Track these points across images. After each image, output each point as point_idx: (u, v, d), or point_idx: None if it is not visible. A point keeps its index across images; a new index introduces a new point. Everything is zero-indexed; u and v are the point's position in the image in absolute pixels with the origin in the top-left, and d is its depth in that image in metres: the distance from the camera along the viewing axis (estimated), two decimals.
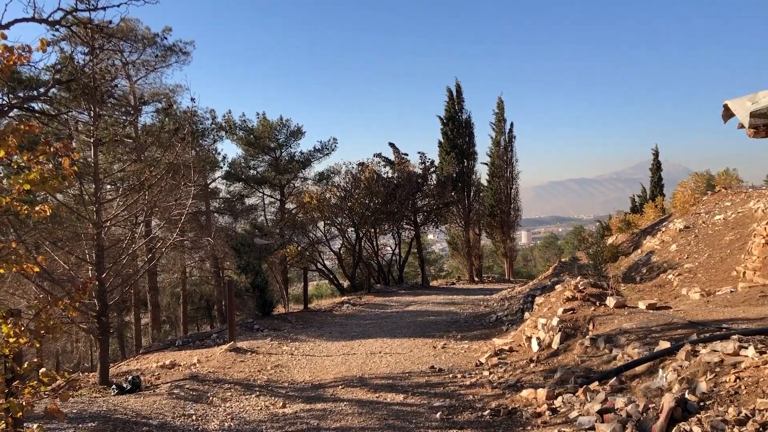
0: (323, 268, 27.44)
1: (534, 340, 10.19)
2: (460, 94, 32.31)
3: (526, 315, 12.90)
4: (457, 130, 31.97)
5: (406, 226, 29.49)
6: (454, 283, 30.59)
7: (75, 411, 7.23)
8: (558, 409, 6.55)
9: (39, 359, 18.43)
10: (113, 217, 10.32)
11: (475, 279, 32.22)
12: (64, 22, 7.94)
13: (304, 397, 8.61)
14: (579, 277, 14.35)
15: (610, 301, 10.33)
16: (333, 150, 32.71)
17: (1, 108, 10.42)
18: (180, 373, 10.11)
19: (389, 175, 28.07)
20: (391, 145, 29.57)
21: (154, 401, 8.13)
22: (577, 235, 45.97)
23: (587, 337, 8.78)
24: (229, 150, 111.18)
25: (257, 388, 9.22)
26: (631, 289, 15.51)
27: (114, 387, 8.90)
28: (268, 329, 14.56)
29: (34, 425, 5.24)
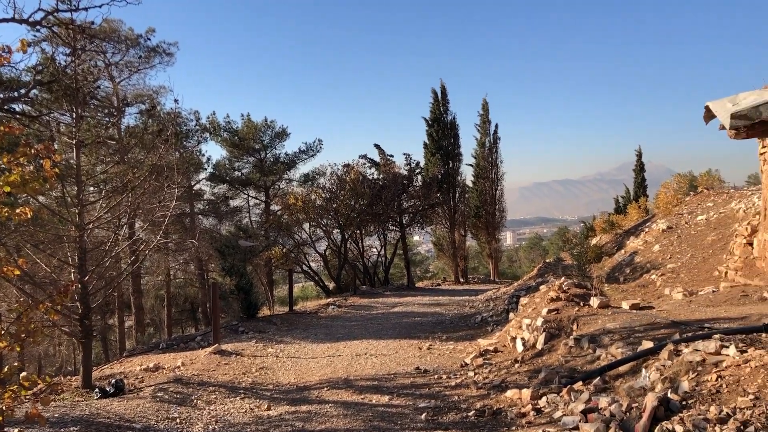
0: (309, 270, 27.37)
1: (519, 340, 10.23)
2: (445, 96, 32.35)
3: (511, 315, 12.94)
4: (442, 132, 32.00)
5: (391, 228, 29.48)
6: (439, 284, 30.63)
7: (57, 415, 7.16)
8: (542, 409, 6.58)
9: (20, 363, 18.25)
10: (96, 219, 10.24)
11: (461, 280, 32.26)
12: (45, 23, 7.87)
13: (289, 400, 8.59)
14: (563, 277, 14.41)
15: (594, 302, 10.40)
16: (318, 151, 32.68)
17: None
18: (164, 376, 10.05)
19: (375, 176, 28.06)
20: (377, 146, 29.56)
21: (138, 404, 8.07)
22: (561, 236, 46.27)
23: (571, 337, 8.83)
24: (214, 151, 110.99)
25: (242, 391, 9.19)
26: (614, 290, 15.61)
27: (97, 391, 8.83)
28: (253, 331, 14.50)
29: (15, 430, 5.19)
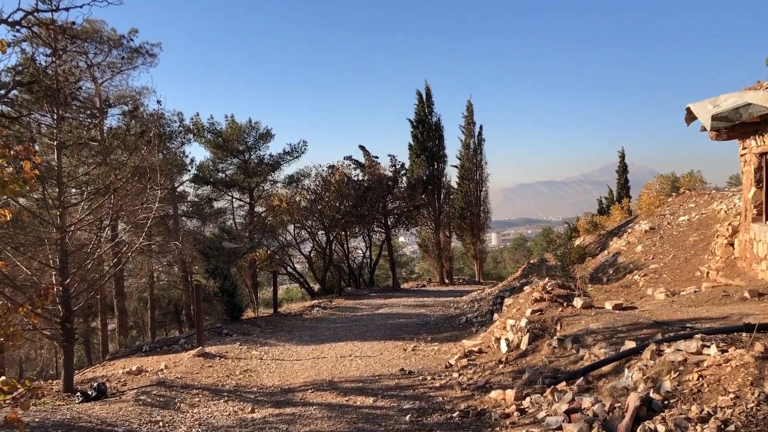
0: (293, 272, 27.30)
1: (503, 341, 10.26)
2: (430, 97, 32.43)
3: (496, 316, 12.99)
4: (427, 133, 32.08)
5: (376, 229, 29.48)
6: (424, 286, 30.67)
7: (37, 420, 7.08)
8: (526, 409, 6.60)
9: (0, 367, 18.03)
10: (78, 221, 10.15)
11: (446, 281, 32.33)
12: (24, 23, 7.79)
13: (273, 402, 8.55)
14: (547, 278, 14.49)
15: (578, 302, 10.47)
16: (303, 153, 32.61)
17: None
18: (147, 379, 9.98)
19: (360, 177, 28.05)
20: (362, 147, 29.56)
21: (120, 408, 8.00)
22: (545, 237, 46.48)
23: (555, 337, 8.87)
24: (197, 153, 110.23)
25: (225, 394, 9.14)
26: (598, 290, 15.72)
27: (79, 394, 8.74)
28: (237, 334, 14.44)
29: None
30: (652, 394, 5.42)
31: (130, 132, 21.51)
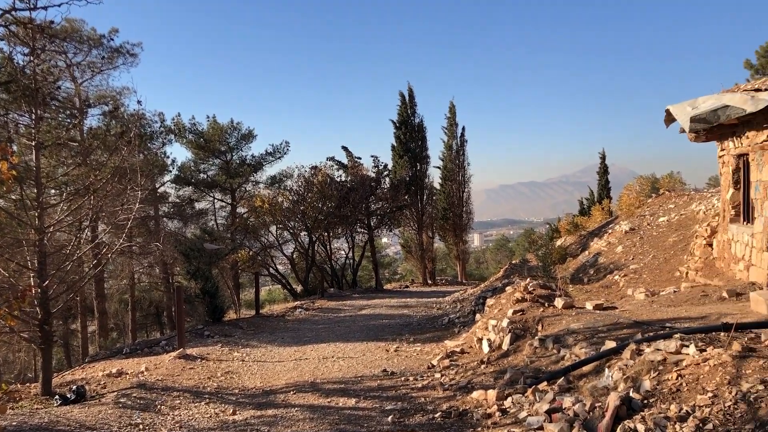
0: (276, 273, 27.20)
1: (485, 341, 10.29)
2: (413, 99, 32.48)
3: (478, 317, 13.03)
4: (409, 134, 32.12)
5: (359, 230, 29.46)
6: (407, 286, 30.69)
7: (15, 423, 6.99)
8: (508, 409, 6.63)
9: None
10: (57, 222, 10.03)
11: (429, 282, 32.38)
12: (2, 21, 7.69)
13: (254, 404, 8.51)
14: (528, 278, 14.57)
15: (559, 302, 10.53)
16: (285, 153, 32.51)
17: None
18: (127, 381, 9.88)
19: (342, 178, 28.03)
20: (344, 148, 29.55)
21: (99, 411, 7.92)
22: (527, 238, 46.73)
23: (536, 337, 8.92)
24: (179, 153, 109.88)
25: (207, 396, 9.08)
26: (578, 290, 15.83)
27: (57, 398, 8.63)
28: (218, 335, 14.35)
29: None
30: (632, 394, 5.46)
31: (110, 132, 21.30)
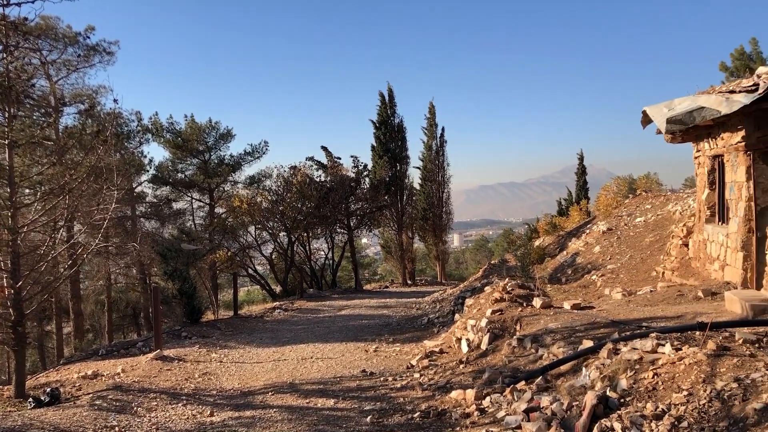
0: (254, 274, 27.08)
1: (464, 341, 10.32)
2: (393, 99, 32.46)
3: (457, 317, 13.06)
4: (389, 135, 32.10)
5: (339, 230, 29.43)
6: (387, 287, 30.70)
7: None
8: (486, 409, 6.65)
9: None
10: (31, 222, 9.87)
11: (408, 282, 32.40)
12: None
13: (232, 405, 8.45)
14: (507, 278, 14.63)
15: (537, 302, 10.59)
16: (264, 153, 32.33)
17: None
18: (103, 383, 9.76)
19: (322, 178, 27.97)
20: (324, 148, 29.47)
21: (74, 413, 7.80)
22: (506, 238, 46.93)
23: (515, 337, 8.96)
24: (156, 153, 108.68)
25: (184, 397, 8.99)
26: (557, 290, 15.94)
27: (31, 400, 8.50)
28: (196, 336, 14.24)
29: None
30: (608, 393, 5.51)
31: (86, 131, 20.97)
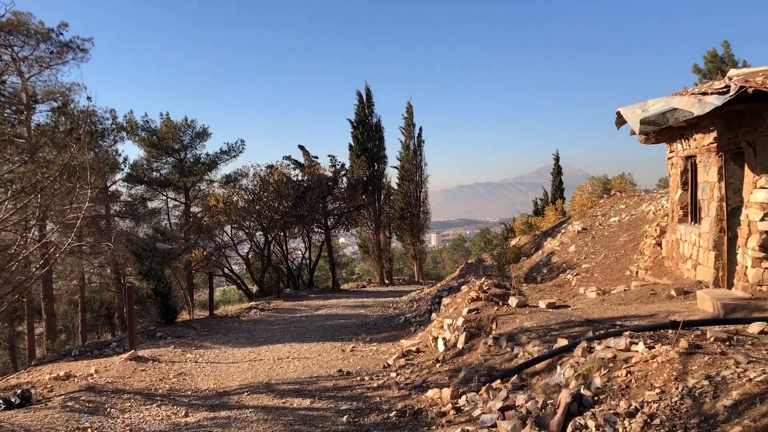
0: (230, 273, 26.89)
1: (440, 340, 10.35)
2: (370, 98, 32.42)
3: (434, 316, 13.09)
4: (367, 134, 32.05)
5: (316, 230, 29.33)
6: (364, 286, 30.67)
7: None
8: (462, 407, 6.66)
9: None
10: (1, 221, 9.69)
11: (386, 281, 32.40)
12: None
13: (207, 405, 8.38)
14: (484, 277, 14.69)
15: (513, 301, 10.65)
16: (240, 152, 32.15)
17: None
18: (75, 384, 9.61)
19: (299, 178, 27.84)
20: (301, 147, 29.35)
21: (46, 415, 7.68)
22: (483, 237, 47.13)
23: (491, 336, 9.00)
24: (131, 151, 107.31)
25: (159, 398, 8.89)
26: (532, 289, 16.05)
27: (1, 402, 8.34)
28: (171, 337, 14.10)
29: None
30: (582, 391, 5.55)
31: (58, 129, 20.73)
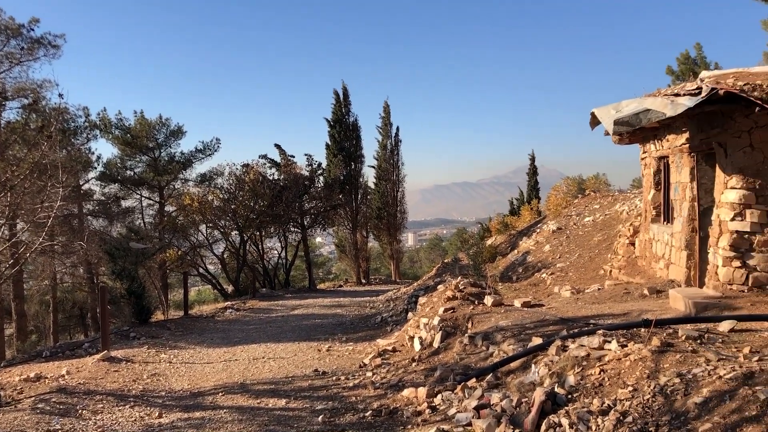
0: (205, 273, 26.67)
1: (416, 339, 10.36)
2: (347, 97, 32.36)
3: (410, 315, 13.11)
4: (344, 133, 31.99)
5: (293, 229, 29.20)
6: (341, 286, 30.62)
7: None
8: (438, 406, 6.67)
9: None
10: None
11: (363, 281, 32.39)
12: None
13: (181, 406, 8.29)
14: (460, 277, 14.75)
15: (488, 300, 10.69)
16: (216, 151, 31.97)
17: None
18: (46, 385, 9.45)
19: (275, 177, 27.70)
20: (277, 146, 29.20)
21: (15, 418, 7.54)
22: (459, 237, 47.38)
23: (466, 335, 9.03)
24: (105, 150, 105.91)
25: (132, 399, 8.78)
26: (508, 288, 16.15)
27: None
28: (145, 337, 13.93)
29: None
30: (556, 389, 5.60)
31: (29, 126, 20.38)
